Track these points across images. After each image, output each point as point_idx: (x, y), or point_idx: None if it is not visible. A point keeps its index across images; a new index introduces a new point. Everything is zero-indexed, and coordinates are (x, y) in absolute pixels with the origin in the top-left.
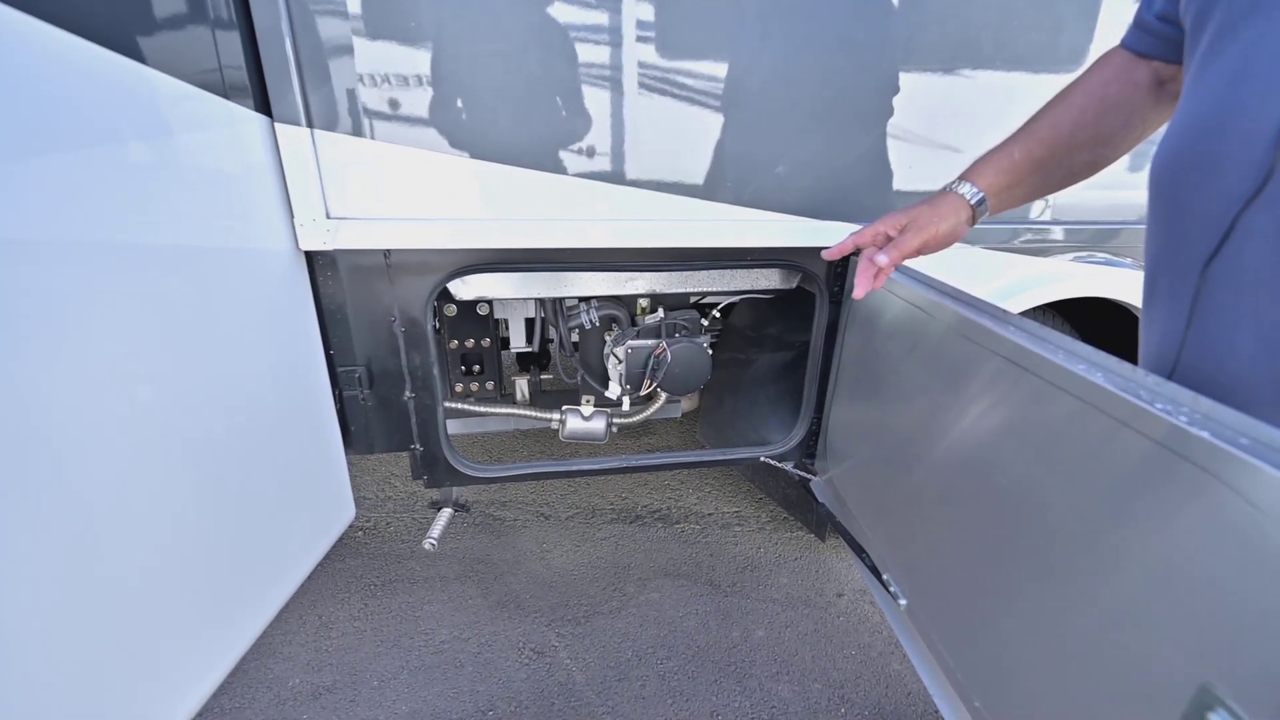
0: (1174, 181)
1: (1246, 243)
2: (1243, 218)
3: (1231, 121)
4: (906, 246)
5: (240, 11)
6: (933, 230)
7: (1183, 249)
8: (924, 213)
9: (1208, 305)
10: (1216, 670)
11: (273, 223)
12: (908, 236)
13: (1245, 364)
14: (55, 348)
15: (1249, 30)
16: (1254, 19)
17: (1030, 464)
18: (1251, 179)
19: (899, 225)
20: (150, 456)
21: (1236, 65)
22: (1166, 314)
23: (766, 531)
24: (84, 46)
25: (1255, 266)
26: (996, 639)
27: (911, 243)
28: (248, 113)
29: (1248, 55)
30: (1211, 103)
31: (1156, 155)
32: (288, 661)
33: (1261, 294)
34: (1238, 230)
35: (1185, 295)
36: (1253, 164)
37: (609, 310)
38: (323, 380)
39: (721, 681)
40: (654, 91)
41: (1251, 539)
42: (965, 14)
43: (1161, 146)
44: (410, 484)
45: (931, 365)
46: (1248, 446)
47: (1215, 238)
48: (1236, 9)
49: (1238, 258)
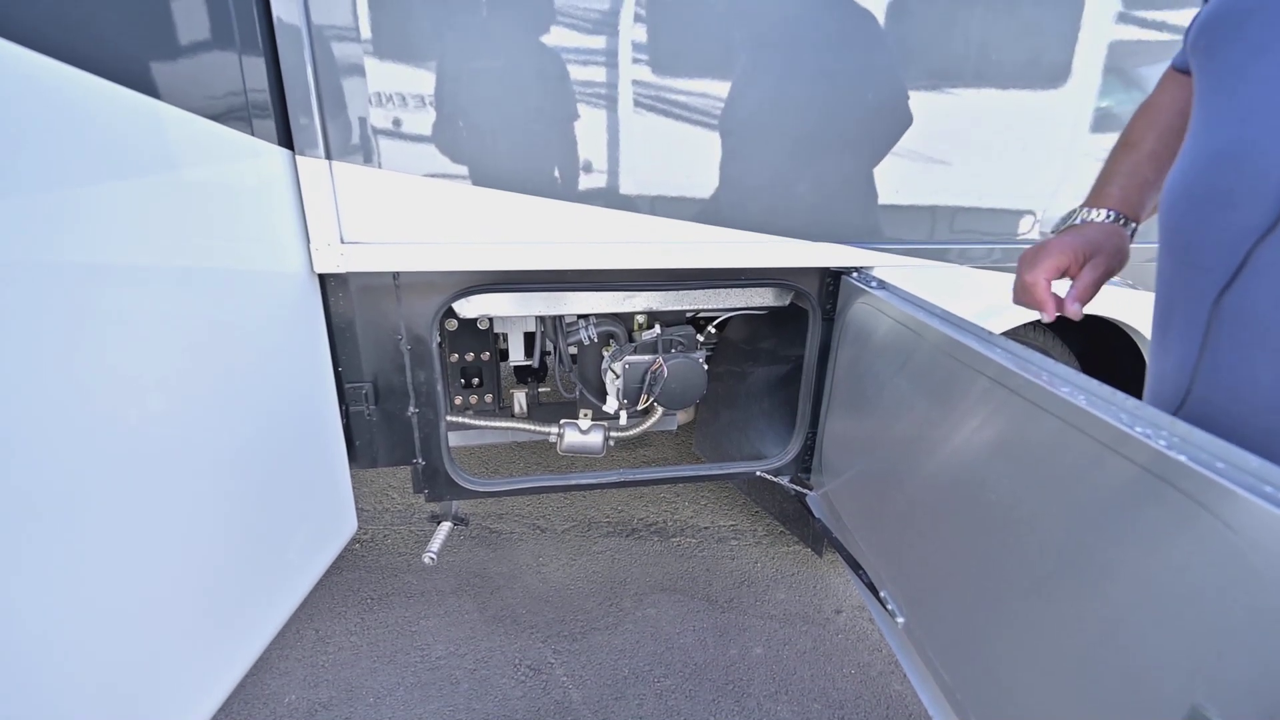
0: (1186, 214)
1: (1260, 278)
2: (1255, 253)
3: (1244, 157)
4: (1098, 273)
5: (270, 59)
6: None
7: (1195, 281)
8: (1098, 237)
9: (1221, 338)
10: (1207, 691)
11: (290, 247)
12: (1098, 265)
13: (1263, 399)
14: (87, 361)
15: (1261, 69)
16: (1265, 58)
17: (1019, 483)
18: (1264, 214)
19: (1079, 259)
20: (167, 468)
21: (1248, 103)
22: (1179, 344)
23: (763, 546)
24: (135, 97)
25: (1269, 301)
26: (993, 658)
27: (1101, 270)
28: (271, 147)
29: (1259, 94)
30: (1224, 138)
31: (1167, 188)
32: (284, 677)
33: (1275, 329)
34: (1250, 265)
35: (1198, 326)
36: (1265, 200)
37: (607, 326)
38: (330, 396)
39: (720, 701)
40: (651, 118)
41: (1230, 562)
42: (947, 39)
43: (1172, 179)
44: (407, 497)
45: (921, 383)
46: (1224, 471)
47: (1228, 272)
48: (1247, 49)
49: (1251, 292)
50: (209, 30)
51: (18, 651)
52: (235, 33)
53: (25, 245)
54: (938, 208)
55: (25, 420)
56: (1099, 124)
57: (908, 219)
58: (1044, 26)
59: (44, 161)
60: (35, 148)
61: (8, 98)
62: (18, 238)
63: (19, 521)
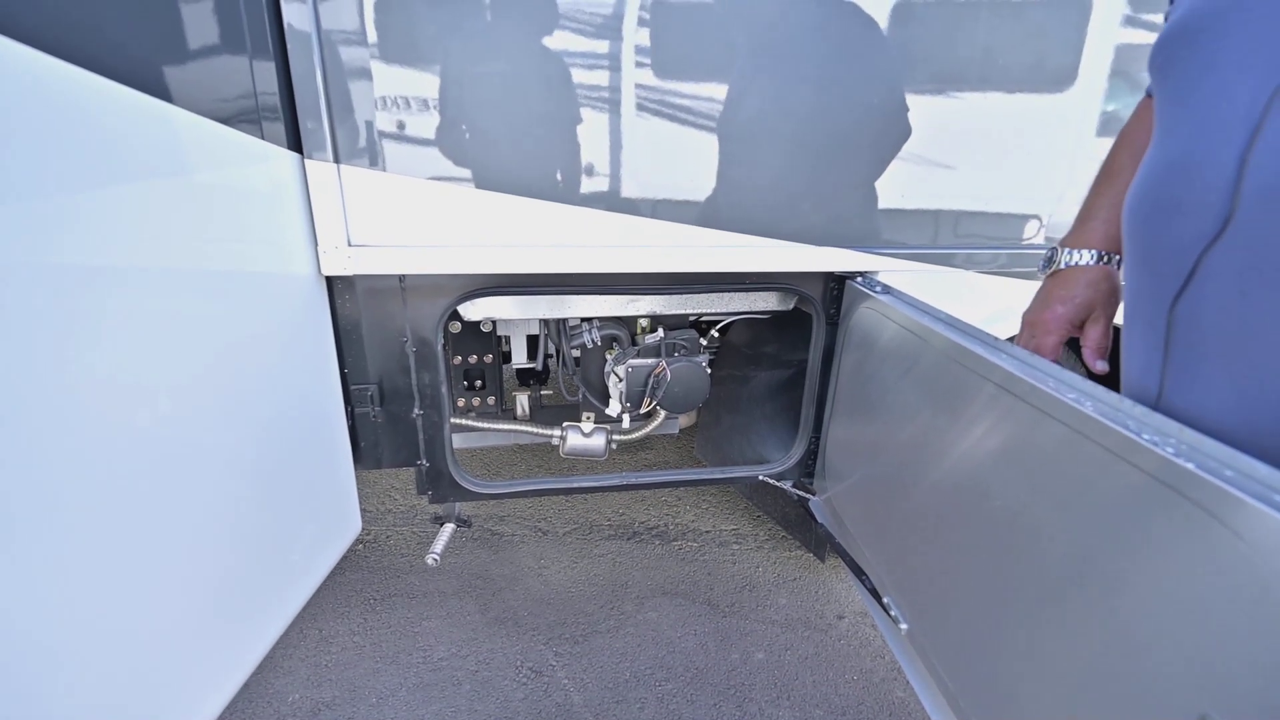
0: (1144, 221)
1: (1208, 284)
2: (1205, 258)
3: (1195, 167)
4: (1101, 326)
5: (280, 63)
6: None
7: (1153, 287)
8: (1087, 295)
9: (1179, 343)
10: (1214, 700)
11: (298, 250)
12: (1100, 321)
13: (1218, 403)
14: (98, 362)
15: (1208, 84)
16: (1213, 74)
17: (1024, 489)
18: (1213, 222)
19: (1078, 324)
20: (175, 468)
21: (1198, 116)
22: (1143, 350)
23: (765, 550)
24: (147, 101)
25: (1218, 306)
26: (997, 665)
27: (1103, 320)
28: (281, 150)
29: (1207, 108)
30: (1176, 150)
31: (1128, 197)
32: (288, 676)
33: (1226, 334)
34: (1201, 270)
35: (1158, 332)
36: (1213, 209)
37: (610, 330)
38: (336, 397)
39: (721, 705)
40: (654, 122)
41: (1237, 569)
42: (951, 44)
43: (1133, 188)
44: (410, 497)
45: (926, 389)
46: (1232, 479)
47: (1180, 278)
48: (1199, 64)
49: (1201, 298)
50: (220, 35)
51: (32, 649)
52: (246, 37)
53: (38, 247)
54: (943, 212)
55: (25, 421)
56: (1105, 128)
57: (912, 223)
58: (1049, 29)
59: (58, 164)
60: (49, 150)
61: (22, 100)
62: (31, 240)
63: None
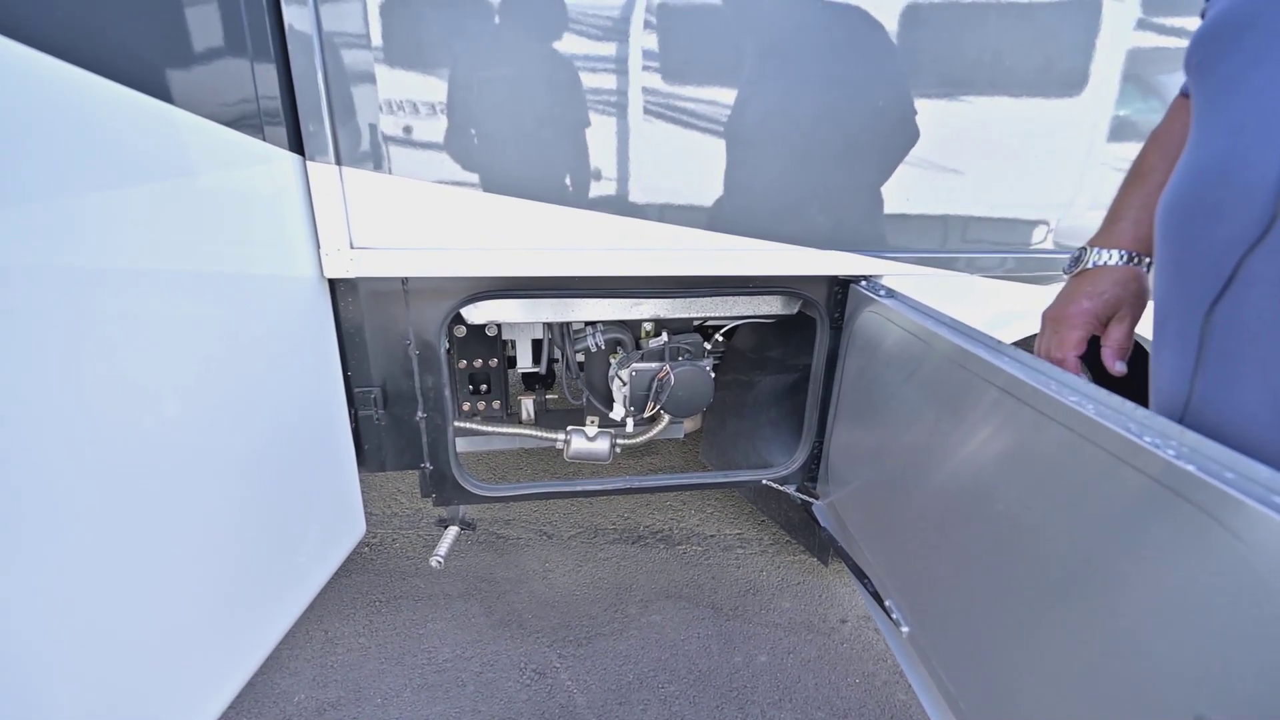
0: (1179, 225)
1: (1249, 289)
2: (1245, 264)
3: (1234, 170)
4: (1125, 326)
5: (281, 66)
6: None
7: (1188, 293)
8: (1115, 293)
9: (1213, 350)
10: (1211, 701)
11: (301, 252)
12: (1125, 318)
13: (1254, 411)
14: (103, 365)
15: (1252, 82)
16: (1260, 70)
17: (1026, 492)
18: (1254, 226)
19: (1103, 321)
20: (180, 471)
21: (1240, 115)
22: (1175, 356)
23: (769, 554)
24: (150, 103)
25: (1258, 313)
26: (998, 668)
27: (1127, 321)
28: (283, 152)
29: (1251, 107)
30: (1216, 151)
31: (1163, 199)
32: (294, 676)
33: (1265, 342)
34: (1240, 277)
35: (1192, 338)
36: (1254, 212)
37: (614, 334)
38: (340, 400)
39: (724, 708)
40: (660, 125)
41: (1237, 571)
42: (958, 47)
43: (1168, 191)
44: (415, 501)
45: (930, 393)
46: (1233, 481)
47: (1219, 283)
48: (1244, 61)
49: (1241, 304)
50: (222, 37)
51: (40, 648)
52: (248, 39)
53: (42, 250)
54: (949, 216)
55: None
56: (1116, 133)
57: (918, 227)
58: (1060, 33)
59: (61, 166)
60: (52, 152)
61: (27, 103)
62: (35, 242)
63: (37, 523)
